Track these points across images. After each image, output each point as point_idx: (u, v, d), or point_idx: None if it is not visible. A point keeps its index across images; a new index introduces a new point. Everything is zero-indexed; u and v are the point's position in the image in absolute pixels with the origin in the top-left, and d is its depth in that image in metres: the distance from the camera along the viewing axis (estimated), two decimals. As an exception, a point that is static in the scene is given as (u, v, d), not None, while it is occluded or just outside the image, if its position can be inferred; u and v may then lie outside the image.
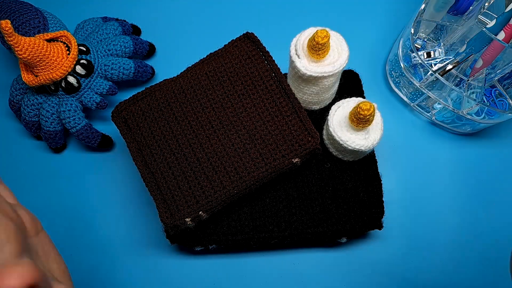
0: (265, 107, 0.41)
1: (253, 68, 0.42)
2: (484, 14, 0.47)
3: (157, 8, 0.62)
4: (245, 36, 0.44)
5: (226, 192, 0.39)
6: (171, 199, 0.39)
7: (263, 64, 0.42)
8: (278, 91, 0.41)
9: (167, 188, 0.40)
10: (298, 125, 0.40)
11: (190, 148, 0.41)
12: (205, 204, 0.39)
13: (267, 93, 0.41)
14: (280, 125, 0.40)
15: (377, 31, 0.60)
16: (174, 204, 0.39)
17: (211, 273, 0.47)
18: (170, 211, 0.39)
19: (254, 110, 0.41)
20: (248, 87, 0.42)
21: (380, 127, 0.42)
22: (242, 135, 0.40)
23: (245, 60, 0.42)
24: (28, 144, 0.54)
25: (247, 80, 0.42)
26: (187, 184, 0.40)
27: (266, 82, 0.42)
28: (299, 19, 0.61)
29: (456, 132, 0.54)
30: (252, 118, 0.41)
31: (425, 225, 0.49)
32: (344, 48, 0.42)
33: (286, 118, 0.40)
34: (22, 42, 0.41)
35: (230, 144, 0.40)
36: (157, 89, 0.43)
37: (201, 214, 0.39)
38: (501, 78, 0.50)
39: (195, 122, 0.41)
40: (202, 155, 0.40)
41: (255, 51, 0.43)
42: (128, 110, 0.43)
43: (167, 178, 0.40)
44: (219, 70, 0.43)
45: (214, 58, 0.44)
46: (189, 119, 0.41)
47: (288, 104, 0.41)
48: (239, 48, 0.43)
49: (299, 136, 0.40)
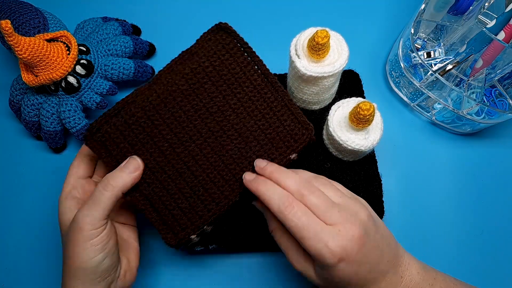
0: (253, 105, 0.38)
1: (233, 64, 0.38)
2: (484, 14, 0.47)
3: (157, 8, 0.62)
4: (218, 27, 0.39)
5: (228, 201, 0.37)
6: (172, 219, 0.37)
7: (243, 57, 0.38)
8: (264, 85, 0.38)
9: (165, 209, 0.37)
10: (290, 119, 0.38)
11: (182, 163, 0.37)
12: (209, 218, 0.37)
13: (253, 89, 0.38)
14: (272, 122, 0.38)
15: (377, 31, 0.60)
16: (177, 223, 0.37)
17: (211, 273, 0.47)
18: (173, 231, 0.37)
19: (243, 110, 0.38)
20: (232, 86, 0.38)
21: (380, 127, 0.42)
22: (235, 139, 0.38)
23: (223, 56, 0.38)
24: (28, 144, 0.54)
25: (229, 78, 0.38)
26: (186, 202, 0.37)
27: (250, 77, 0.38)
28: (299, 19, 0.61)
29: (456, 132, 0.54)
30: (242, 119, 0.38)
31: (425, 224, 0.49)
32: (344, 48, 0.42)
33: (277, 114, 0.38)
34: (22, 42, 0.41)
35: (224, 151, 0.38)
36: (131, 102, 0.38)
37: (206, 228, 0.38)
38: (501, 78, 0.50)
39: (181, 134, 0.38)
40: (196, 168, 0.37)
41: (232, 44, 0.38)
42: (103, 131, 0.37)
43: (163, 198, 0.37)
44: (197, 71, 0.38)
45: (188, 57, 0.39)
46: (175, 131, 0.37)
47: (277, 98, 0.38)
48: (214, 42, 0.39)
49: (293, 131, 0.38)
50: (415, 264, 0.35)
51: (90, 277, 0.34)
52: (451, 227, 0.49)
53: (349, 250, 0.30)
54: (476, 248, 0.48)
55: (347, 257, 0.30)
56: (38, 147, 0.54)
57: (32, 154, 0.54)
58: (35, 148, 0.54)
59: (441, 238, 0.48)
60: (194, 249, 0.44)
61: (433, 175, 0.51)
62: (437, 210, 0.50)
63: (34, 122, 0.50)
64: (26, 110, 0.49)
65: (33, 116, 0.49)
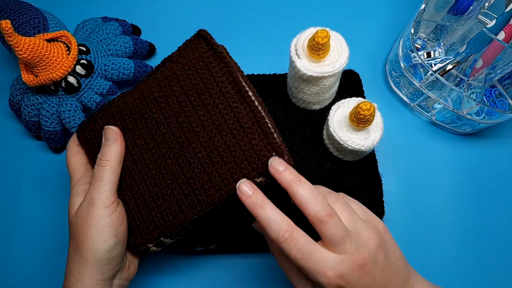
0: (222, 119, 0.35)
1: (207, 74, 0.36)
2: (484, 14, 0.47)
3: (157, 8, 0.62)
4: (198, 35, 0.37)
5: (184, 217, 0.35)
6: (133, 223, 0.37)
7: (219, 68, 0.35)
8: (237, 99, 0.35)
9: (129, 212, 0.37)
10: (259, 138, 0.33)
11: (147, 169, 0.37)
12: (165, 231, 0.36)
13: (224, 101, 0.35)
14: (239, 139, 0.34)
15: (377, 31, 0.60)
16: (137, 229, 0.37)
17: (211, 273, 0.47)
18: (133, 237, 0.37)
19: (211, 123, 0.35)
20: (203, 96, 0.35)
21: (380, 127, 0.42)
22: (199, 153, 0.35)
23: (198, 65, 0.36)
24: (28, 144, 0.54)
25: (201, 88, 0.36)
26: (146, 209, 0.37)
27: (223, 88, 0.35)
28: (299, 19, 0.61)
29: (456, 132, 0.54)
30: (209, 133, 0.35)
31: (425, 225, 0.49)
32: (344, 48, 0.42)
33: (246, 131, 0.34)
34: (22, 42, 0.41)
35: (187, 164, 0.35)
36: (113, 105, 0.39)
37: (163, 240, 0.36)
38: (501, 78, 0.50)
39: (150, 140, 0.37)
40: (159, 177, 0.36)
41: (209, 53, 0.36)
42: (89, 130, 0.39)
43: (129, 202, 0.37)
44: (171, 79, 0.37)
45: (167, 64, 0.38)
46: (145, 137, 0.37)
47: (249, 114, 0.34)
48: (192, 50, 0.37)
49: (261, 152, 0.33)
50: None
51: (101, 263, 0.34)
52: (451, 227, 0.49)
53: (349, 279, 0.30)
54: (476, 248, 0.48)
55: (346, 285, 0.30)
56: (38, 147, 0.54)
57: (32, 154, 0.54)
58: (35, 148, 0.54)
59: (441, 238, 0.48)
60: (194, 249, 0.44)
61: (433, 175, 0.51)
62: (437, 210, 0.50)
63: (34, 122, 0.50)
64: (26, 110, 0.49)
65: (33, 116, 0.49)
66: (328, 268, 0.29)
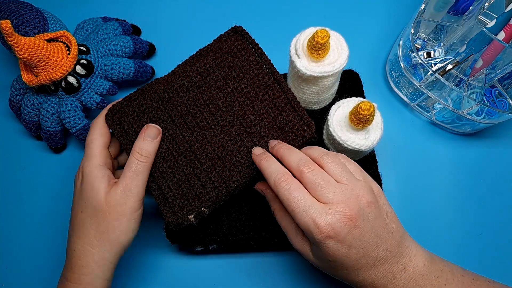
0: (258, 100, 0.41)
1: (243, 62, 0.42)
2: (484, 14, 0.47)
3: (157, 8, 0.62)
4: (234, 29, 0.43)
5: (226, 186, 0.39)
6: (173, 197, 0.40)
7: (254, 57, 0.42)
8: (271, 83, 0.41)
9: (168, 187, 0.40)
10: (292, 115, 0.40)
11: (187, 145, 0.41)
12: (207, 200, 0.39)
13: (260, 85, 0.41)
14: (275, 117, 0.41)
15: (377, 31, 0.60)
16: (176, 202, 0.39)
17: (211, 273, 0.47)
18: (173, 210, 0.39)
19: (248, 104, 0.41)
20: (241, 81, 0.42)
21: (380, 127, 0.42)
22: (238, 129, 0.41)
23: (235, 54, 0.42)
24: (28, 144, 0.54)
25: (238, 74, 0.42)
26: (187, 182, 0.40)
27: (258, 74, 0.42)
28: (299, 19, 0.61)
29: (456, 132, 0.54)
30: (247, 112, 0.41)
31: (425, 224, 0.49)
32: (344, 48, 0.42)
33: (280, 109, 0.41)
34: (22, 42, 0.41)
35: (227, 139, 0.41)
36: (150, 89, 0.43)
37: (203, 210, 0.39)
38: (501, 78, 0.50)
39: (190, 120, 0.41)
40: (200, 152, 0.41)
41: (245, 44, 0.43)
42: (122, 112, 0.43)
43: (167, 177, 0.40)
44: (210, 66, 0.43)
45: (204, 54, 0.44)
46: (184, 117, 0.42)
47: (282, 95, 0.41)
48: (229, 42, 0.43)
49: (295, 126, 0.40)
50: (422, 255, 0.35)
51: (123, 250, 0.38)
52: (451, 227, 0.49)
53: (337, 229, 0.31)
54: (476, 248, 0.48)
55: (336, 236, 0.31)
56: (38, 147, 0.54)
57: (32, 154, 0.54)
58: (35, 148, 0.54)
59: (441, 237, 0.48)
60: (195, 250, 0.44)
61: (433, 175, 0.51)
62: (437, 210, 0.50)
63: (34, 122, 0.50)
64: (26, 110, 0.49)
65: (33, 116, 0.49)
66: (317, 214, 0.31)
